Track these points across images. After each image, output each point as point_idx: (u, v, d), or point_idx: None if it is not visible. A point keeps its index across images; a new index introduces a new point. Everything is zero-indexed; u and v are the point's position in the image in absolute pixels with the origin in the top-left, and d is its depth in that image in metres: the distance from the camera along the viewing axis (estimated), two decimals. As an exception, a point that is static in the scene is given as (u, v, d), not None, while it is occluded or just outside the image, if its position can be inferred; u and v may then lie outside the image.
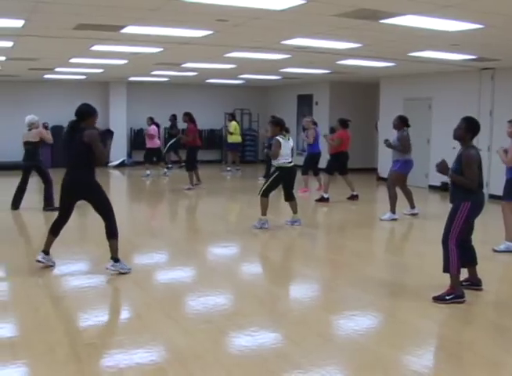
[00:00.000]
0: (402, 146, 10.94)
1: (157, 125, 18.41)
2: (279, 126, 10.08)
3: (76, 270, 7.49)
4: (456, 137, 6.27)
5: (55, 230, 7.32)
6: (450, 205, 6.31)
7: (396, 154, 11.07)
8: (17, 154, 11.53)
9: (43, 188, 11.62)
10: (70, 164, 7.07)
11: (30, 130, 11.36)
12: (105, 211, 7.10)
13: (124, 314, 6.06)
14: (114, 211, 7.11)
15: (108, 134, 7.38)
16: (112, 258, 7.13)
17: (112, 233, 7.10)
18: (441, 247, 6.24)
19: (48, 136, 11.59)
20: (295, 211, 10.47)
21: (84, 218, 7.12)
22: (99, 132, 7.10)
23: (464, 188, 6.11)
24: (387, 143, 11.09)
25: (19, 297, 6.42)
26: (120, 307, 6.29)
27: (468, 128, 6.19)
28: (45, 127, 11.90)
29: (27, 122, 11.42)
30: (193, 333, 5.32)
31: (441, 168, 6.24)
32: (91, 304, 6.25)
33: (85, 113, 6.96)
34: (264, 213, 10.13)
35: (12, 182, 11.98)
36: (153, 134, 17.91)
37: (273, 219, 10.39)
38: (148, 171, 17.93)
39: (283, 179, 10.14)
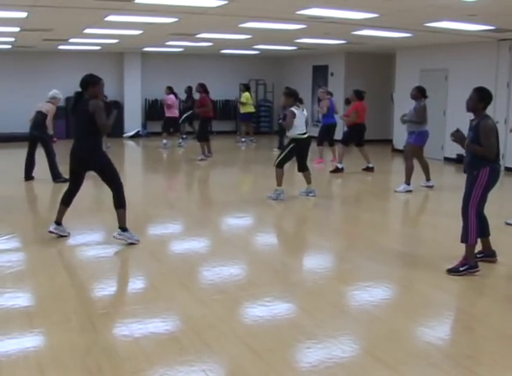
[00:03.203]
0: (418, 117, 10.85)
1: (176, 95, 18.36)
2: (293, 97, 10.06)
3: (91, 240, 7.55)
4: (468, 108, 6.22)
5: (66, 200, 7.37)
6: (465, 176, 6.28)
7: (411, 126, 10.99)
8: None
9: (46, 161, 11.48)
10: (76, 135, 7.12)
11: (47, 102, 11.37)
12: (112, 181, 7.13)
13: (139, 284, 6.10)
14: (128, 182, 7.12)
15: (114, 106, 7.37)
16: (119, 227, 7.18)
17: (119, 203, 7.13)
18: (461, 217, 6.20)
19: (50, 116, 11.28)
20: (309, 182, 10.50)
21: (99, 188, 7.14)
22: (106, 103, 7.09)
23: (482, 157, 6.06)
24: (403, 120, 11.03)
25: (35, 267, 6.49)
26: (135, 277, 6.33)
27: (479, 98, 6.13)
28: None
29: (50, 94, 11.43)
30: (208, 303, 5.36)
31: (457, 137, 6.20)
32: (107, 274, 6.31)
33: (88, 83, 6.95)
34: (279, 184, 10.17)
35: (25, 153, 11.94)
36: (170, 104, 17.89)
37: (288, 190, 10.38)
38: (165, 141, 17.96)
39: (298, 151, 10.14)
